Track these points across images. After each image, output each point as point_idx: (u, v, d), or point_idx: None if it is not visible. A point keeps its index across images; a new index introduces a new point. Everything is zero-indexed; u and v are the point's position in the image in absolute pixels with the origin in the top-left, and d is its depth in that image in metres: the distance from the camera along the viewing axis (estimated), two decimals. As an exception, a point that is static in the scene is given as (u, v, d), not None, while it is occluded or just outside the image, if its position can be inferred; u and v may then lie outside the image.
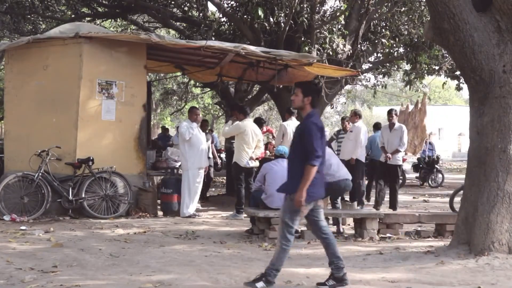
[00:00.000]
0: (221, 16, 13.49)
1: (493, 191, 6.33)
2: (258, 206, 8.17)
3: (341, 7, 13.64)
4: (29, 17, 16.82)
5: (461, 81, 16.03)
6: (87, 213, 9.40)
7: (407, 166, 19.06)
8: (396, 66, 17.42)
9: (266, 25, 12.11)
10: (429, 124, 18.60)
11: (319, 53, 11.95)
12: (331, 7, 14.47)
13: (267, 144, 11.96)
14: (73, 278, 5.44)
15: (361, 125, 11.33)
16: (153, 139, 17.62)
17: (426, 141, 18.03)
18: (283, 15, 12.03)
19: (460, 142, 48.55)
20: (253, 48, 10.32)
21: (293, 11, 11.61)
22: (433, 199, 14.28)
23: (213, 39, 13.08)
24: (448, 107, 53.63)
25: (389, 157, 10.74)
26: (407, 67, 16.16)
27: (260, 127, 11.10)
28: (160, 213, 10.22)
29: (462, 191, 7.52)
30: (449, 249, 6.65)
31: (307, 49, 11.82)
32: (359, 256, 6.79)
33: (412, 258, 6.57)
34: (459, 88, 17.27)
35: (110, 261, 6.23)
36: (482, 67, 6.47)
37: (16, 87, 10.02)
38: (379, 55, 16.47)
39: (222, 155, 15.64)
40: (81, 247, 6.93)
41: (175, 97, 26.42)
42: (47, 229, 8.17)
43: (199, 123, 10.41)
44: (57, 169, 9.52)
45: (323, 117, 40.88)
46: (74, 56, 9.68)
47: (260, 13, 11.20)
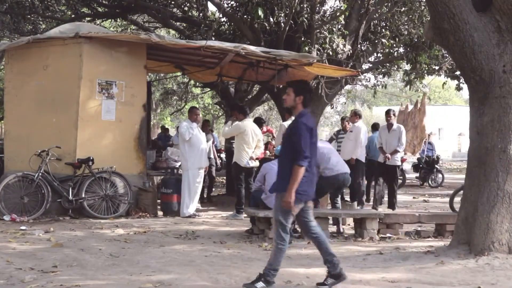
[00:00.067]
0: (221, 16, 13.48)
1: (493, 191, 6.33)
2: (258, 206, 8.16)
3: (341, 7, 13.63)
4: (29, 17, 16.82)
5: (461, 81, 16.02)
6: (87, 213, 9.40)
7: (407, 166, 19.06)
8: (396, 66, 17.41)
9: (266, 25, 12.11)
10: (428, 124, 18.59)
11: (319, 53, 11.95)
12: (331, 7, 14.46)
13: (267, 144, 11.96)
14: (73, 278, 5.43)
15: (361, 125, 11.32)
16: (153, 139, 17.63)
17: (425, 141, 18.03)
18: (283, 15, 12.02)
19: (460, 142, 48.56)
20: (253, 48, 10.32)
21: (293, 11, 11.61)
22: (433, 199, 14.28)
23: (213, 39, 13.08)
24: (448, 107, 53.65)
25: (388, 157, 10.73)
26: (407, 67, 16.15)
27: (260, 127, 11.10)
28: (160, 213, 10.22)
29: (462, 191, 7.52)
30: (449, 249, 6.65)
31: (307, 49, 11.81)
32: (359, 256, 6.79)
33: (412, 258, 6.57)
34: (459, 88, 17.27)
35: (110, 261, 6.23)
36: (482, 67, 6.47)
37: (16, 87, 10.02)
38: (379, 55, 16.46)
39: (222, 155, 15.64)
40: (81, 247, 6.93)
41: (175, 97, 26.41)
42: (47, 229, 8.17)
43: (199, 123, 10.41)
44: (57, 169, 9.52)
45: (323, 117, 40.93)
46: (74, 56, 9.69)
47: (260, 13, 11.20)
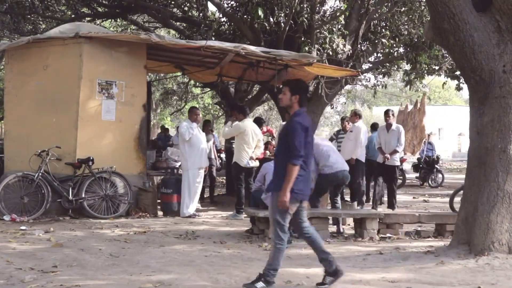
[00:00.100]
0: (221, 16, 13.47)
1: (493, 191, 6.33)
2: (258, 206, 8.16)
3: (341, 7, 13.62)
4: (29, 17, 16.81)
5: (461, 81, 16.02)
6: (87, 213, 9.40)
7: (407, 166, 19.07)
8: (396, 66, 17.40)
9: (266, 25, 12.10)
10: (428, 124, 18.58)
11: (319, 53, 11.94)
12: (331, 7, 14.45)
13: (267, 144, 11.96)
14: (73, 278, 5.43)
15: (361, 125, 11.33)
16: (153, 139, 17.63)
17: (425, 141, 18.03)
18: (283, 15, 12.01)
19: (460, 142, 48.55)
20: (253, 48, 10.32)
21: (293, 11, 11.60)
22: (433, 199, 14.29)
23: (213, 39, 13.08)
24: (448, 107, 53.64)
25: (388, 157, 10.73)
26: (407, 67, 16.15)
27: (260, 127, 11.10)
28: (160, 213, 10.22)
29: (462, 191, 7.52)
30: (449, 249, 6.65)
31: (307, 49, 11.81)
32: (359, 256, 6.79)
33: (412, 258, 6.57)
34: (459, 88, 17.27)
35: (110, 261, 6.23)
36: (482, 67, 6.47)
37: (16, 87, 10.02)
38: (379, 55, 16.45)
39: (222, 155, 15.64)
40: (81, 247, 6.93)
41: (175, 97, 26.41)
42: (47, 229, 8.17)
43: (199, 123, 10.41)
44: (57, 169, 9.52)
45: (323, 117, 40.91)
46: (74, 56, 9.69)
47: (260, 13, 11.19)
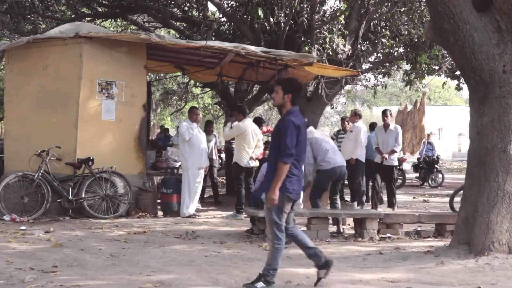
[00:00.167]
0: (221, 16, 13.48)
1: (493, 191, 6.33)
2: (258, 206, 8.15)
3: (341, 7, 13.64)
4: (29, 17, 16.82)
5: (461, 81, 16.03)
6: (87, 213, 9.40)
7: (407, 166, 19.06)
8: (396, 66, 17.42)
9: (266, 25, 12.11)
10: (427, 124, 18.60)
11: (319, 53, 11.95)
12: (331, 7, 14.48)
13: (267, 143, 11.95)
14: (73, 278, 5.43)
15: (361, 125, 11.33)
16: (152, 139, 17.63)
17: (424, 141, 18.03)
18: (283, 15, 12.02)
19: (460, 142, 48.54)
20: (253, 48, 10.32)
21: (293, 11, 11.61)
22: (433, 199, 14.28)
23: (213, 39, 13.08)
24: (448, 107, 53.63)
25: (386, 157, 10.74)
26: (407, 67, 16.16)
27: (260, 127, 11.10)
28: (160, 213, 10.22)
29: (462, 191, 7.52)
30: (449, 249, 6.64)
31: (307, 49, 11.82)
32: (359, 256, 6.79)
33: (412, 258, 6.56)
34: (459, 88, 17.28)
35: (110, 261, 6.23)
36: (482, 67, 6.47)
37: (16, 87, 10.02)
38: (379, 55, 16.47)
39: (222, 155, 15.63)
40: (81, 247, 6.93)
41: (175, 97, 26.42)
42: (47, 229, 8.16)
43: (199, 123, 10.41)
44: (57, 169, 9.52)
45: (323, 117, 40.91)
46: (74, 56, 9.68)
47: (260, 13, 11.20)
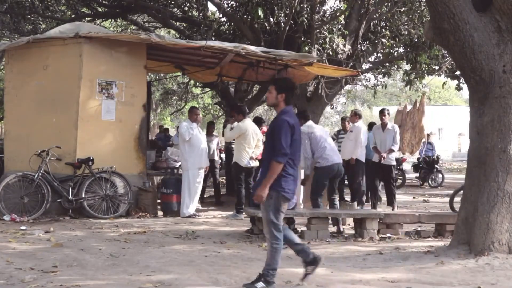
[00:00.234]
0: (221, 16, 13.48)
1: (493, 191, 6.33)
2: (258, 206, 8.14)
3: (341, 7, 13.65)
4: (29, 17, 16.83)
5: (461, 81, 16.03)
6: (87, 213, 9.40)
7: (407, 166, 19.06)
8: (396, 66, 17.43)
9: (266, 25, 12.11)
10: (427, 124, 18.61)
11: (319, 53, 11.96)
12: (331, 7, 14.49)
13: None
14: (73, 278, 5.43)
15: (361, 125, 11.32)
16: (152, 139, 17.63)
17: (424, 141, 18.03)
18: (283, 15, 12.03)
19: (460, 142, 48.54)
20: (253, 48, 10.32)
21: (293, 11, 11.61)
22: (433, 199, 14.28)
23: (213, 39, 13.09)
24: (448, 107, 53.62)
25: (384, 157, 10.74)
26: (407, 67, 16.16)
27: (259, 127, 11.09)
28: (160, 213, 10.22)
29: (462, 191, 7.52)
30: (449, 249, 6.64)
31: (307, 49, 11.82)
32: (359, 256, 6.79)
33: (412, 258, 6.56)
34: (459, 88, 17.28)
35: (110, 261, 6.23)
36: (482, 67, 6.47)
37: (16, 87, 10.02)
38: (379, 55, 16.47)
39: (222, 155, 15.62)
40: (81, 247, 6.93)
41: (175, 97, 26.41)
42: (47, 229, 8.16)
43: (199, 123, 10.41)
44: (57, 169, 9.52)
45: (323, 117, 40.90)
46: (74, 56, 9.68)
47: (260, 13, 11.21)
